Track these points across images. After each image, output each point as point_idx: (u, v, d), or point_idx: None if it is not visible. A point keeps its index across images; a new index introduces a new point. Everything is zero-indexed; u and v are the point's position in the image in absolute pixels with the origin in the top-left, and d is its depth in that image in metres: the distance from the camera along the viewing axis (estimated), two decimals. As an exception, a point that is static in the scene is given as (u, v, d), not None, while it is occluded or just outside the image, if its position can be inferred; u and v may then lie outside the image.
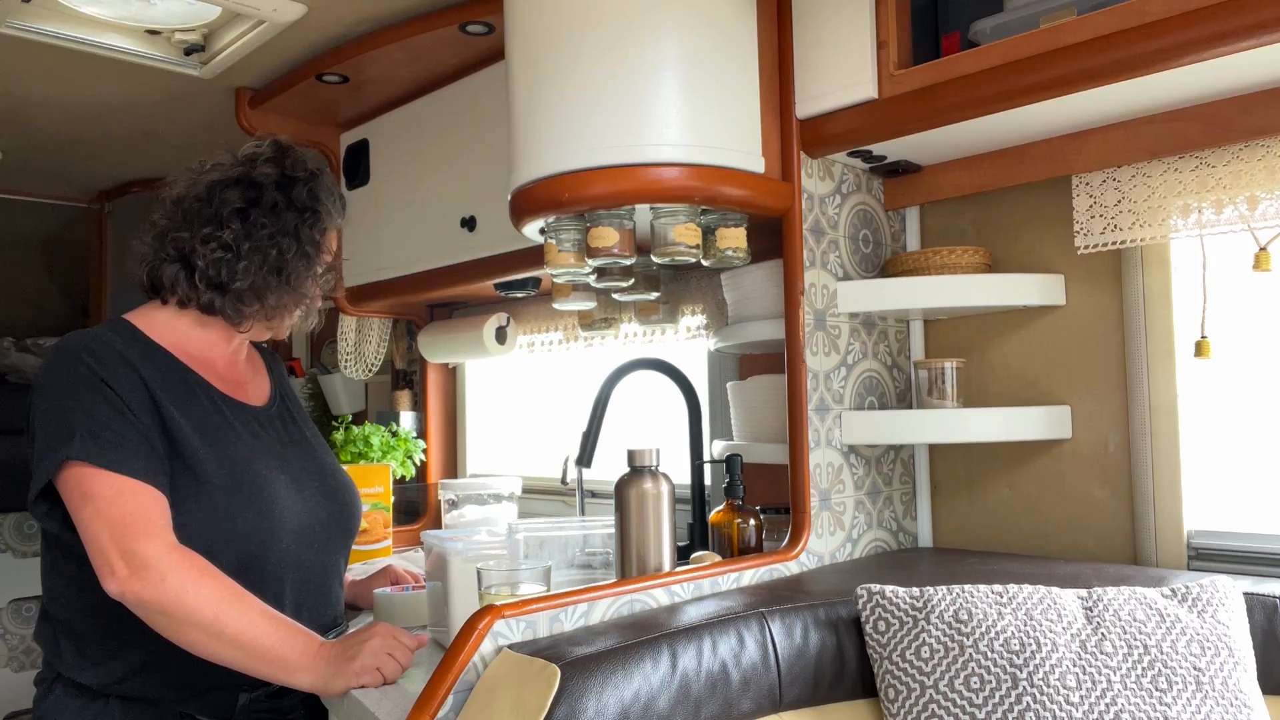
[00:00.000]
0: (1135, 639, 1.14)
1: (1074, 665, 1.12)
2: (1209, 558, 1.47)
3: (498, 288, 2.25)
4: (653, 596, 1.30)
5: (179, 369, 1.45)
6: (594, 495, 2.36)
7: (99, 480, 1.27)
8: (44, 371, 1.38)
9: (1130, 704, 1.09)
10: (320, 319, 1.63)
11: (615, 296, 1.96)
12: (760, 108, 1.51)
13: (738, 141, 1.47)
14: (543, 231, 1.58)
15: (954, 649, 1.15)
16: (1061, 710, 1.09)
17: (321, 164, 1.60)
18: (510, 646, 1.10)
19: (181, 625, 1.24)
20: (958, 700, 1.12)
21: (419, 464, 2.64)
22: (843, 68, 1.48)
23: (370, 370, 2.81)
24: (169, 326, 1.48)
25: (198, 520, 1.34)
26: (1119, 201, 1.50)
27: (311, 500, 1.50)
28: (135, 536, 1.25)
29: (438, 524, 2.59)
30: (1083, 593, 1.20)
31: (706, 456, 1.92)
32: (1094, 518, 1.58)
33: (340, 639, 1.30)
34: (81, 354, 1.36)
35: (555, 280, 1.81)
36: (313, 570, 1.49)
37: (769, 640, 1.19)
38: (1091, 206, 1.53)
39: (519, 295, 2.28)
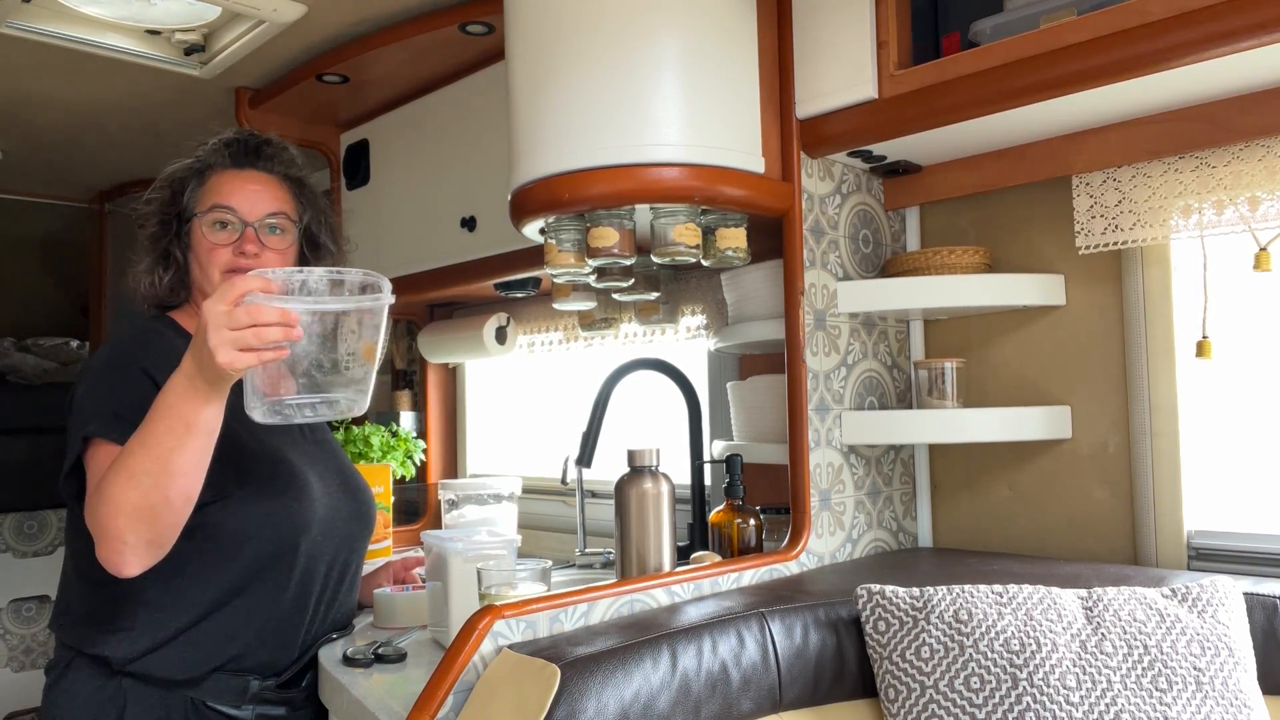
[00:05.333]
0: (1135, 639, 1.14)
1: (1074, 665, 1.12)
2: (1209, 558, 1.47)
3: (498, 288, 2.25)
4: (653, 596, 1.30)
5: None
6: (594, 495, 2.36)
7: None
8: (92, 358, 1.44)
9: (1130, 704, 1.09)
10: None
11: (615, 296, 1.96)
12: (760, 108, 1.51)
13: (738, 141, 1.47)
14: (543, 231, 1.58)
15: (954, 649, 1.15)
16: (1061, 710, 1.09)
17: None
18: (510, 646, 1.10)
19: (132, 515, 1.17)
20: (958, 700, 1.12)
21: (419, 464, 2.64)
22: (843, 68, 1.48)
23: (370, 370, 2.80)
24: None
25: (237, 502, 1.38)
26: (1119, 202, 1.50)
27: (335, 495, 1.54)
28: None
29: (438, 524, 2.59)
30: (1083, 593, 1.20)
31: (706, 456, 1.92)
32: (1094, 518, 1.57)
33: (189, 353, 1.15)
34: (129, 344, 1.42)
35: (555, 280, 1.81)
36: (334, 565, 1.53)
37: (769, 640, 1.19)
38: (1092, 207, 1.53)
39: (519, 295, 2.28)
